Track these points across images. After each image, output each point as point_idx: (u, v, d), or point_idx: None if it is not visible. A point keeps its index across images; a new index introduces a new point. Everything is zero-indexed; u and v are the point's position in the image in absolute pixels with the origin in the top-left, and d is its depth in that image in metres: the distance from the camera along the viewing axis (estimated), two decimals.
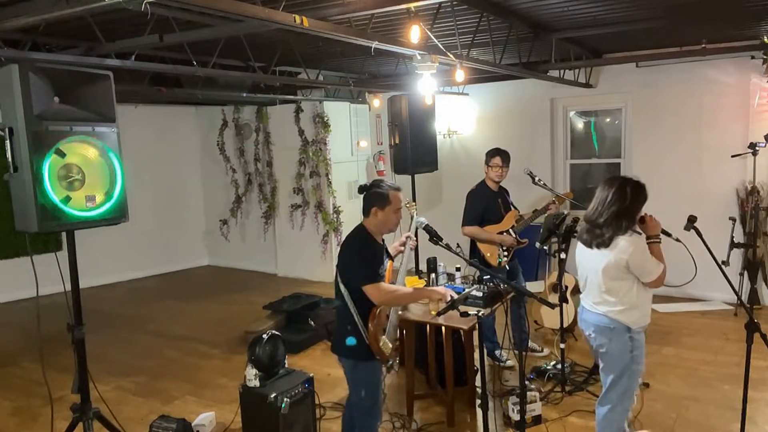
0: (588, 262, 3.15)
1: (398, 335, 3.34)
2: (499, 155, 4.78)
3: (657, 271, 2.99)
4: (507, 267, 4.75)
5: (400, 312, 3.36)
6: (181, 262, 9.59)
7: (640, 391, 3.35)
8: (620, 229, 2.96)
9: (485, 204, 4.78)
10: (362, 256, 3.03)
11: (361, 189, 3.17)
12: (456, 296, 3.14)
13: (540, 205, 4.92)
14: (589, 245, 3.10)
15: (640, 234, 3.03)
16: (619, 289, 3.03)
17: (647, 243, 3.03)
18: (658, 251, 3.04)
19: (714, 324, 5.90)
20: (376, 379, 3.14)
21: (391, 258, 3.29)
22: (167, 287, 8.66)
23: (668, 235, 3.19)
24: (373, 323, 3.00)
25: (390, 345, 3.12)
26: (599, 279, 3.07)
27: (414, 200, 5.40)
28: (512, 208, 4.93)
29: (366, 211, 3.12)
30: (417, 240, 3.44)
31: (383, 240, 3.24)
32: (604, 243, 3.00)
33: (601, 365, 3.25)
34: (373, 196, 3.09)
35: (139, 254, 8.99)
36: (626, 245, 2.94)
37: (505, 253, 4.74)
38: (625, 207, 2.96)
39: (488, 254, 4.73)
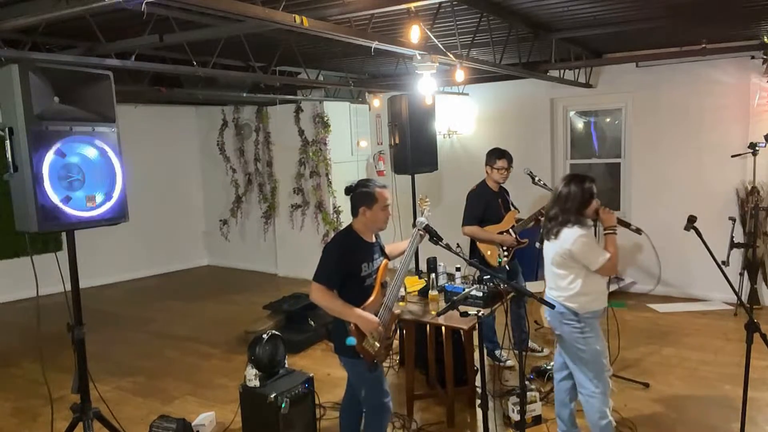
0: (545, 252, 3.41)
1: (391, 335, 3.29)
2: (504, 157, 4.75)
3: (601, 261, 3.19)
4: (507, 267, 4.75)
5: (397, 311, 3.33)
6: (181, 262, 9.59)
7: (612, 381, 3.46)
8: (566, 222, 3.24)
9: (485, 204, 4.77)
10: (332, 256, 3.08)
11: (348, 190, 3.20)
12: (381, 329, 3.08)
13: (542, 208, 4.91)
14: (547, 238, 3.39)
15: (589, 226, 3.31)
16: (566, 276, 3.28)
17: (604, 234, 3.30)
18: (611, 242, 3.26)
19: (714, 324, 5.90)
20: (377, 376, 3.13)
21: (387, 256, 3.28)
22: (167, 287, 8.66)
23: (627, 225, 3.41)
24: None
25: (377, 345, 3.07)
26: (550, 267, 3.37)
27: (414, 200, 5.40)
28: (512, 208, 4.93)
29: (354, 211, 3.15)
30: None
31: (377, 237, 3.24)
32: (553, 235, 3.30)
33: (564, 354, 3.44)
34: (360, 195, 3.12)
35: (139, 254, 9.00)
36: (569, 236, 3.21)
37: (505, 253, 4.74)
38: (570, 202, 3.26)
39: (488, 254, 4.72)
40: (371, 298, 3.11)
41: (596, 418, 3.29)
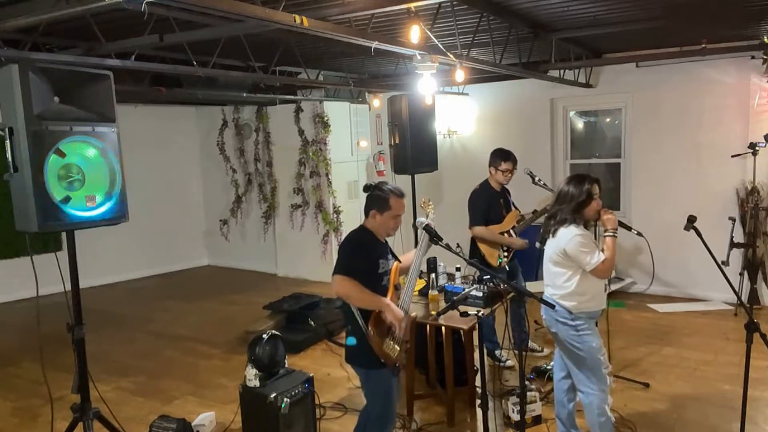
0: (545, 251, 3.47)
1: (408, 338, 3.26)
2: (510, 160, 4.72)
3: (594, 262, 3.19)
4: (507, 267, 4.74)
5: (413, 314, 3.30)
6: (181, 262, 9.59)
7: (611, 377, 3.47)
8: (563, 221, 3.27)
9: (489, 204, 4.76)
10: (349, 249, 3.03)
11: (366, 188, 3.14)
12: (403, 323, 3.05)
13: (540, 206, 4.91)
14: (546, 236, 3.41)
15: (584, 227, 3.30)
16: (562, 275, 3.31)
17: (603, 236, 3.31)
18: (609, 244, 3.27)
19: (714, 324, 5.90)
20: (387, 387, 3.10)
21: (397, 258, 3.26)
22: (167, 287, 8.66)
23: (628, 228, 3.48)
24: (374, 326, 2.96)
25: (397, 348, 3.06)
26: (548, 265, 3.40)
27: (413, 201, 5.39)
28: (513, 208, 4.92)
29: (366, 213, 3.11)
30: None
31: (386, 240, 3.23)
32: (551, 233, 3.34)
33: (562, 353, 3.45)
34: (374, 199, 3.07)
35: (139, 254, 9.00)
36: (565, 235, 3.24)
37: (505, 254, 4.73)
38: (567, 202, 3.29)
39: (488, 255, 4.72)
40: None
41: (595, 415, 3.30)
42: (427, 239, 3.16)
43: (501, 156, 4.76)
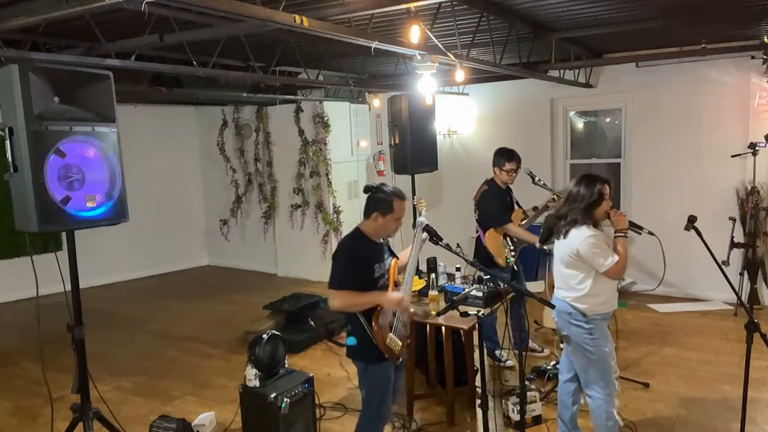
0: (555, 252, 3.40)
1: (409, 333, 3.28)
2: (514, 160, 4.71)
3: (607, 264, 3.15)
4: (515, 267, 4.73)
5: (411, 310, 3.31)
6: (181, 262, 9.59)
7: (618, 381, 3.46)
8: (574, 222, 3.22)
9: (501, 201, 4.77)
10: (343, 260, 3.03)
11: (367, 189, 3.12)
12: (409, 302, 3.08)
13: (541, 204, 4.91)
14: (557, 237, 3.36)
15: (596, 228, 3.25)
16: (575, 276, 3.26)
17: (614, 237, 3.26)
18: (621, 245, 3.23)
19: (714, 324, 5.90)
20: (385, 382, 3.11)
21: (395, 256, 3.26)
22: (167, 287, 8.66)
23: (638, 229, 3.41)
24: (377, 322, 2.98)
25: (399, 343, 3.08)
26: (560, 267, 3.36)
27: (413, 201, 5.39)
28: (516, 207, 4.92)
29: (366, 214, 3.09)
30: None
31: (383, 239, 3.22)
32: (562, 234, 3.28)
33: (571, 355, 3.42)
34: (377, 201, 3.05)
35: (139, 254, 8.99)
36: (577, 236, 3.20)
37: (513, 253, 4.73)
38: (578, 202, 3.24)
39: (497, 254, 4.70)
40: None
41: (603, 418, 3.28)
42: (419, 237, 3.16)
43: (505, 156, 4.75)
